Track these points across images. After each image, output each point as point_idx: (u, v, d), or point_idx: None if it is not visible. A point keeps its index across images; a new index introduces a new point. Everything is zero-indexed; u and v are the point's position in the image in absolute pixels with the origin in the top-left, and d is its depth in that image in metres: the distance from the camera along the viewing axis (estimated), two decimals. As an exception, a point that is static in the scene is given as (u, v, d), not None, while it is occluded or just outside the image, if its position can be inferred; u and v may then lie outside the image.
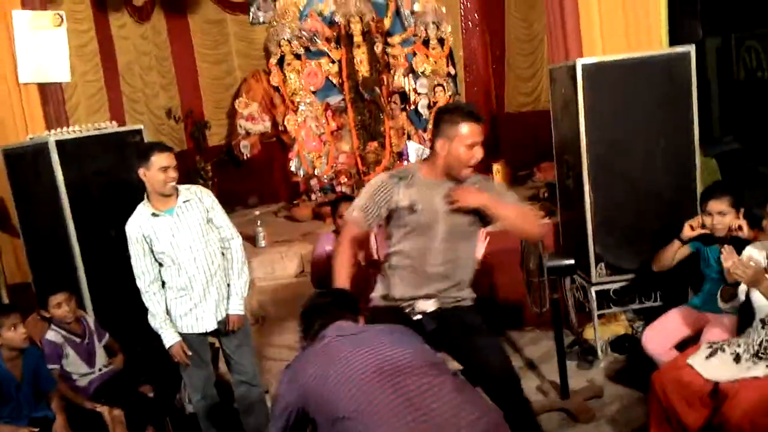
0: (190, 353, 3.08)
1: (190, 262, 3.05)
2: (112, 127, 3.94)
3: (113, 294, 3.63)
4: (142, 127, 3.96)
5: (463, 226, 2.62)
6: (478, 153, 2.56)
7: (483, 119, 2.61)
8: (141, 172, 3.00)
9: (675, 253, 3.20)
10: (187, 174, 5.38)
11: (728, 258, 2.56)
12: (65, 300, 3.26)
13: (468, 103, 2.74)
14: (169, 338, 3.06)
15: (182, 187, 3.16)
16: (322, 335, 2.09)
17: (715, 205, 3.00)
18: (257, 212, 5.62)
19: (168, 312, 3.10)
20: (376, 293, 2.77)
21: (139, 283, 3.08)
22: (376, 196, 2.63)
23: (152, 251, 3.06)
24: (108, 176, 3.68)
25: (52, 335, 3.23)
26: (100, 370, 3.34)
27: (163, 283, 3.11)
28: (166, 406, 3.48)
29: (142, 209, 3.07)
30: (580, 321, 4.14)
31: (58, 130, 3.84)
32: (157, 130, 6.30)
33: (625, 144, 3.67)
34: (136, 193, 3.26)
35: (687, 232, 3.13)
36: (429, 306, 2.65)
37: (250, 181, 6.41)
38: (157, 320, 3.08)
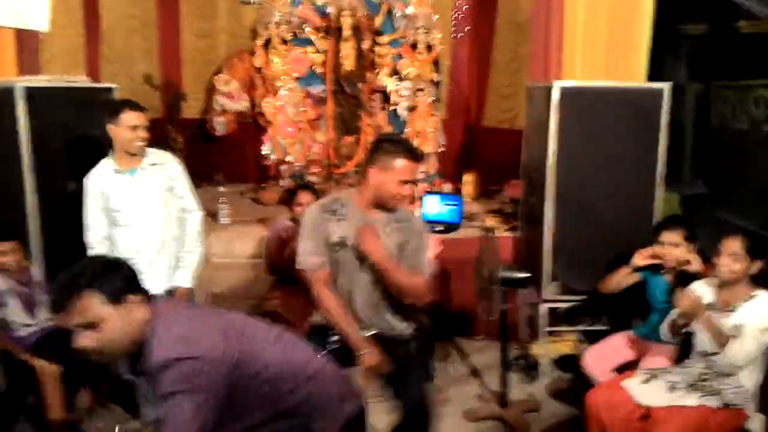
0: None
1: (144, 226, 3.02)
2: (84, 81, 3.87)
3: (66, 249, 3.53)
4: (114, 86, 3.91)
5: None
6: (407, 191, 2.52)
7: (421, 159, 2.57)
8: (109, 127, 2.96)
9: (622, 278, 3.27)
10: (158, 144, 5.28)
11: (682, 297, 2.63)
12: (11, 249, 3.19)
13: (409, 141, 2.73)
14: None
15: (151, 150, 3.12)
16: None
17: (668, 236, 3.08)
18: (222, 189, 5.57)
19: None
20: (316, 317, 2.70)
21: (88, 238, 3.03)
22: (316, 234, 2.57)
23: (107, 209, 3.01)
24: (73, 130, 3.61)
25: (-7, 281, 3.15)
26: (41, 322, 3.27)
27: (113, 245, 3.07)
28: (105, 369, 3.42)
29: (106, 164, 3.03)
30: (528, 336, 4.20)
31: (28, 77, 3.77)
32: (132, 95, 6.16)
33: (590, 169, 3.75)
34: (101, 150, 3.22)
35: (637, 259, 3.20)
36: (366, 332, 2.58)
37: (220, 158, 6.34)
38: None
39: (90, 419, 3.37)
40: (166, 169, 3.11)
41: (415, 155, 2.54)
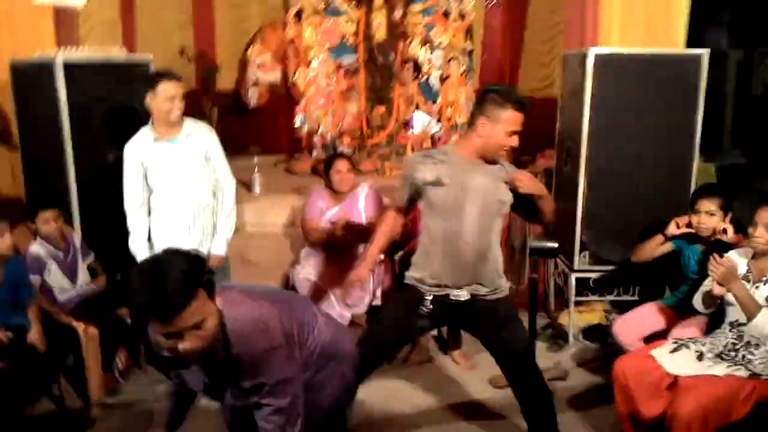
0: None
1: (181, 193, 3.10)
2: (120, 55, 3.95)
3: (103, 218, 3.67)
4: (151, 57, 3.97)
5: (492, 209, 2.61)
6: (514, 142, 2.58)
7: (527, 110, 2.61)
8: (148, 98, 3.04)
9: (656, 247, 3.23)
10: (192, 115, 5.36)
11: (714, 264, 2.59)
12: (53, 217, 3.30)
13: (516, 91, 2.75)
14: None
15: (188, 120, 3.20)
16: None
17: (704, 204, 3.04)
18: (256, 160, 5.61)
19: (150, 240, 3.14)
20: (410, 272, 2.73)
21: (127, 205, 3.12)
22: (407, 172, 2.69)
23: (146, 176, 3.10)
24: (111, 102, 3.70)
25: (36, 248, 3.28)
26: (81, 287, 3.40)
27: (150, 212, 3.15)
28: (142, 331, 3.54)
29: (145, 132, 3.12)
30: (557, 306, 4.20)
31: (67, 48, 3.86)
32: (166, 68, 6.28)
33: (626, 138, 3.69)
34: (138, 122, 3.31)
35: (672, 228, 3.16)
36: (462, 295, 2.63)
37: (253, 130, 6.39)
38: (137, 244, 3.14)
39: (126, 380, 3.52)
40: (202, 138, 3.18)
41: (523, 106, 2.57)
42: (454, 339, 3.74)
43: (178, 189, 3.10)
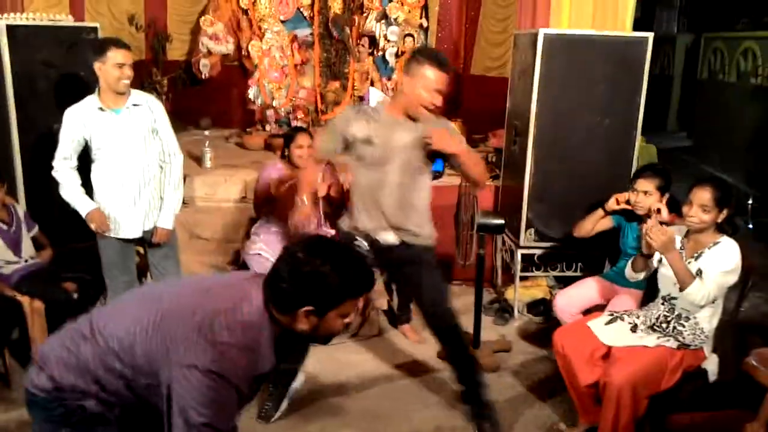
0: (108, 223, 3.11)
1: (126, 165, 3.06)
2: (67, 20, 3.84)
3: (48, 189, 3.59)
4: (97, 25, 3.89)
5: (415, 166, 2.76)
6: (437, 99, 2.68)
7: (450, 70, 2.75)
8: (96, 65, 2.99)
9: (596, 221, 3.37)
10: (142, 86, 5.25)
11: (650, 224, 2.71)
12: (-5, 184, 3.23)
13: (440, 53, 2.83)
14: (86, 205, 3.08)
15: (135, 91, 3.15)
16: None
17: (642, 184, 3.17)
18: (207, 134, 5.56)
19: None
20: (344, 223, 2.94)
21: (56, 161, 3.08)
22: (338, 125, 2.81)
23: (87, 144, 3.05)
24: (57, 69, 3.61)
25: (-22, 219, 3.20)
26: (26, 261, 3.34)
27: (89, 186, 3.11)
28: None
29: (91, 100, 3.06)
30: (504, 281, 4.33)
31: (11, 15, 3.73)
32: (116, 35, 6.10)
33: (571, 118, 3.79)
34: (86, 89, 3.24)
35: (612, 203, 3.30)
36: (390, 238, 2.82)
37: (205, 102, 6.29)
38: (69, 191, 3.09)
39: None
40: (149, 110, 3.14)
41: (443, 65, 2.67)
42: (404, 313, 3.83)
43: (123, 160, 3.06)
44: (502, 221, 3.38)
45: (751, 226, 5.86)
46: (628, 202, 3.24)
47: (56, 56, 3.62)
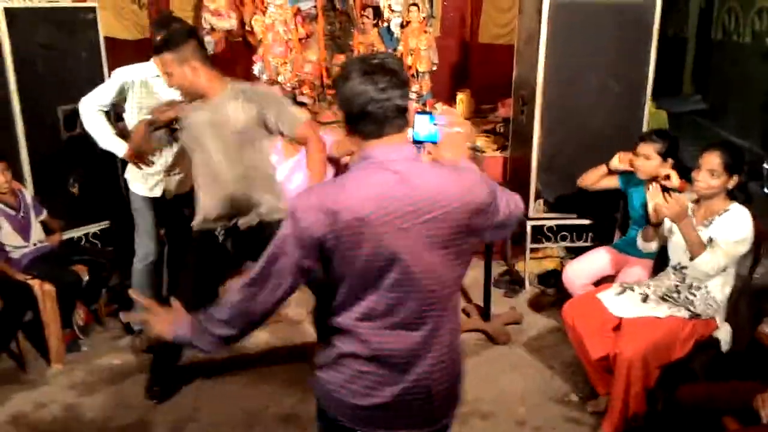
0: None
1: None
2: (65, 1, 3.80)
3: (54, 174, 3.62)
4: (95, 4, 3.82)
5: (236, 136, 2.64)
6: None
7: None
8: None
9: (601, 177, 3.35)
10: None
11: (654, 195, 2.66)
12: (3, 168, 3.22)
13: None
14: (122, 147, 3.19)
15: None
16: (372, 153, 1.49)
17: (643, 148, 3.11)
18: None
19: None
20: (197, 217, 2.81)
21: (89, 103, 3.19)
22: None
23: (125, 99, 3.20)
24: (57, 51, 3.59)
25: (-14, 204, 3.21)
26: (35, 245, 3.35)
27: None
28: (99, 287, 3.54)
29: (149, 66, 3.19)
30: (514, 253, 4.29)
31: (8, -2, 3.69)
32: (118, 14, 6.05)
33: (580, 85, 3.71)
34: (85, 70, 3.24)
35: (614, 161, 3.27)
36: (252, 219, 2.72)
37: (210, 78, 6.25)
38: (104, 137, 3.22)
39: (87, 336, 3.52)
40: None
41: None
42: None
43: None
44: (510, 193, 3.33)
45: (767, 190, 5.75)
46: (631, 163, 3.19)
47: (55, 38, 3.59)
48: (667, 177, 3.01)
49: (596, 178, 3.37)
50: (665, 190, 2.88)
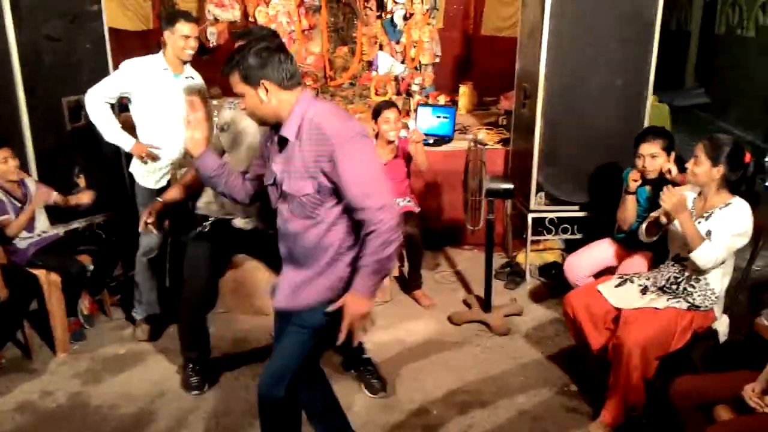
0: (154, 150, 3.30)
1: (171, 127, 3.22)
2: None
3: (59, 164, 3.63)
4: (102, -6, 3.83)
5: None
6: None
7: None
8: (165, 34, 3.26)
9: (633, 204, 3.23)
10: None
11: (669, 198, 2.66)
12: (9, 155, 3.24)
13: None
14: (128, 141, 3.29)
15: (189, 66, 3.40)
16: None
17: (646, 148, 3.11)
18: (216, 103, 5.52)
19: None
20: (200, 201, 2.89)
21: (95, 95, 3.23)
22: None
23: (144, 101, 3.25)
24: (62, 41, 3.61)
25: (-7, 192, 3.23)
26: (39, 235, 3.38)
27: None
28: (104, 276, 3.57)
29: (158, 59, 3.26)
30: (515, 246, 4.32)
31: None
32: (123, 6, 6.07)
33: (582, 78, 3.72)
34: (89, 62, 3.26)
35: (632, 185, 3.20)
36: (247, 225, 2.81)
37: (214, 71, 6.23)
38: (110, 130, 3.27)
39: (92, 325, 3.56)
40: (197, 82, 3.41)
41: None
42: (416, 279, 3.85)
43: (169, 123, 3.23)
44: (511, 186, 3.36)
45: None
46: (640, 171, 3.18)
47: (60, 29, 3.60)
48: (669, 171, 3.03)
49: (632, 209, 3.24)
50: (665, 183, 2.90)
